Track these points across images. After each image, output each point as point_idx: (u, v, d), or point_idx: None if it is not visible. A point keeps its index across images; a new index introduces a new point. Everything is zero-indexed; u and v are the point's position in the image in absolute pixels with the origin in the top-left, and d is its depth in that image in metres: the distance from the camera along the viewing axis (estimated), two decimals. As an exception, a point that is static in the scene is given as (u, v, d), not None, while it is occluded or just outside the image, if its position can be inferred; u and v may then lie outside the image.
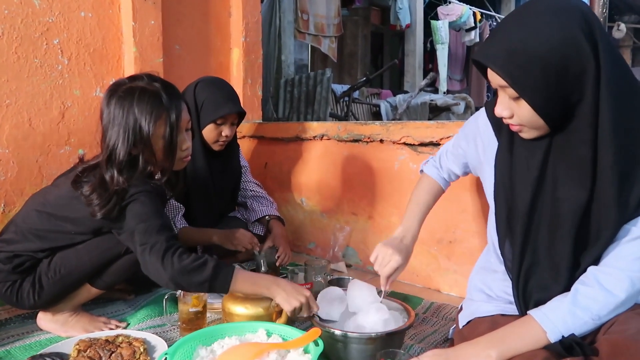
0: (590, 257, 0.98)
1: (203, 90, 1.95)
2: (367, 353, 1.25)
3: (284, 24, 4.54)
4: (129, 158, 1.34)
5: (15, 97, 2.01)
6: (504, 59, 0.93)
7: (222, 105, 1.91)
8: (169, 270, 1.26)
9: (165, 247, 1.27)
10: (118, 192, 1.31)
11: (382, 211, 2.15)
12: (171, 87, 1.41)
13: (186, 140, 1.45)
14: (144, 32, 2.34)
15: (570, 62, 0.90)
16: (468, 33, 7.00)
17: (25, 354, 1.33)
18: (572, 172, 0.98)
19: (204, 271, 1.27)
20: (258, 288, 1.35)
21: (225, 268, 1.31)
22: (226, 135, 1.96)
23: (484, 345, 0.98)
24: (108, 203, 1.30)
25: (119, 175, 1.32)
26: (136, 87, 1.36)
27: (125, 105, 1.33)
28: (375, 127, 2.11)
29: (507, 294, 1.15)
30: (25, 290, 1.39)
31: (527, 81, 0.92)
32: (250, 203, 2.25)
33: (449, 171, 1.41)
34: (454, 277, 1.91)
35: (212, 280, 1.27)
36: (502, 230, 1.13)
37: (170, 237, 1.31)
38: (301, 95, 4.12)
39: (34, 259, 1.40)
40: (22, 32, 2.02)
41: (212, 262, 1.29)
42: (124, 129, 1.33)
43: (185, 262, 1.26)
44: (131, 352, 1.28)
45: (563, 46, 0.89)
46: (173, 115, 1.37)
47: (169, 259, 1.26)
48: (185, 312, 1.45)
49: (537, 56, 0.90)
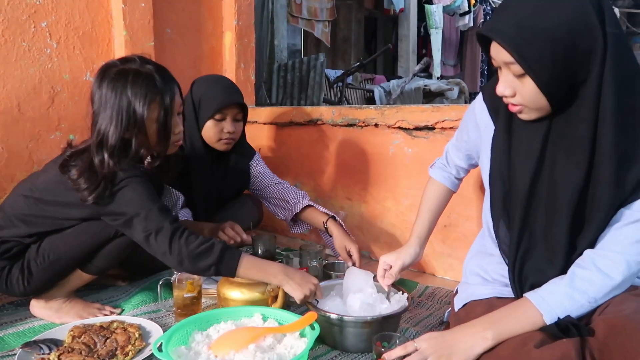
0: (585, 239, 0.98)
1: (199, 88, 1.85)
2: (363, 337, 1.26)
3: (276, 8, 4.48)
4: (121, 142, 1.32)
5: (3, 82, 1.97)
6: (512, 33, 0.91)
7: (219, 98, 1.80)
8: (176, 254, 1.26)
9: (171, 231, 1.27)
10: (107, 177, 1.29)
11: (376, 196, 2.14)
12: (164, 70, 1.39)
13: (178, 123, 1.43)
14: (134, 14, 2.30)
15: (580, 38, 0.89)
16: (462, 17, 6.94)
17: (19, 341, 1.32)
18: (571, 154, 0.97)
19: (210, 255, 1.27)
20: (266, 275, 1.34)
21: (231, 252, 1.30)
22: (228, 132, 1.82)
23: (480, 327, 0.98)
24: (97, 187, 1.28)
25: (109, 159, 1.29)
26: (129, 69, 1.33)
27: (118, 88, 1.30)
28: (370, 111, 2.09)
29: (503, 276, 1.15)
30: (15, 277, 1.38)
31: (534, 57, 0.91)
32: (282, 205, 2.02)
33: (457, 167, 1.40)
34: (448, 261, 1.92)
35: (218, 264, 1.27)
36: (496, 213, 1.13)
37: (173, 220, 1.30)
38: (294, 81, 4.08)
39: (21, 244, 1.39)
40: (8, 14, 1.97)
41: (219, 245, 1.29)
42: (117, 112, 1.30)
43: (192, 246, 1.26)
44: (126, 337, 1.27)
45: (574, 21, 0.88)
46: (167, 99, 1.34)
47: (177, 242, 1.26)
48: (180, 297, 1.44)
49: (547, 31, 0.89)
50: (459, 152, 1.36)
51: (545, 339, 0.90)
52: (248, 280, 1.39)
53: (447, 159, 1.42)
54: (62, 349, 1.21)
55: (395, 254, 1.38)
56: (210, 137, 1.84)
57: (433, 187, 1.44)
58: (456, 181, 1.44)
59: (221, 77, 1.97)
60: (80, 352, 1.20)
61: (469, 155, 1.34)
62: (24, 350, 1.22)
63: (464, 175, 1.44)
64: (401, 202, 2.06)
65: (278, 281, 1.33)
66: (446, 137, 1.85)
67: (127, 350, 1.23)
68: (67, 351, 1.20)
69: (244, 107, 1.88)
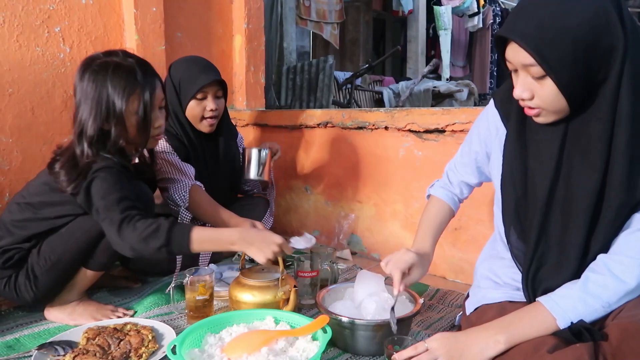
0: (597, 241, 0.97)
1: (177, 70, 1.88)
2: (374, 340, 1.26)
3: (285, 11, 4.50)
4: (100, 133, 1.34)
5: (18, 86, 2.00)
6: (533, 34, 0.90)
7: (198, 78, 1.83)
8: (126, 241, 1.26)
9: (120, 219, 1.26)
10: (84, 167, 1.32)
11: (386, 198, 2.14)
12: (146, 64, 1.41)
13: (159, 118, 1.45)
14: (145, 19, 2.32)
15: (601, 36, 0.88)
16: (471, 19, 6.91)
17: (35, 343, 1.34)
18: (587, 156, 0.96)
19: (157, 237, 1.25)
20: (223, 244, 1.33)
21: (180, 230, 1.27)
22: (211, 109, 1.85)
23: (493, 330, 0.98)
24: (77, 178, 1.31)
25: (89, 149, 1.33)
26: (111, 62, 1.35)
27: (98, 80, 1.33)
28: (380, 114, 2.09)
29: (514, 280, 1.14)
30: (22, 284, 1.40)
31: (556, 58, 0.89)
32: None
33: (461, 184, 1.34)
34: (459, 264, 1.91)
35: (168, 245, 1.25)
36: (508, 219, 1.12)
37: (126, 207, 1.28)
38: (303, 83, 4.09)
39: (21, 250, 1.41)
40: (23, 19, 2.00)
41: (165, 226, 1.26)
42: (96, 103, 1.33)
43: (139, 231, 1.25)
44: (139, 339, 1.29)
45: (595, 19, 0.87)
46: (147, 93, 1.37)
47: (124, 229, 1.26)
48: (192, 300, 1.45)
49: (569, 30, 0.88)
50: (468, 167, 1.30)
51: (559, 344, 0.89)
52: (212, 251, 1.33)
53: (449, 179, 1.36)
54: (77, 351, 1.23)
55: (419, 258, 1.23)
56: (194, 117, 1.87)
57: (437, 205, 1.35)
58: (457, 202, 1.37)
59: (197, 57, 1.97)
60: (94, 353, 1.22)
61: (480, 168, 1.28)
62: (40, 352, 1.24)
63: (467, 195, 1.37)
64: (411, 205, 2.06)
65: (237, 248, 1.31)
66: (456, 139, 1.85)
67: (140, 352, 1.24)
68: (81, 353, 1.22)
69: (223, 84, 1.91)
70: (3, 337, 1.38)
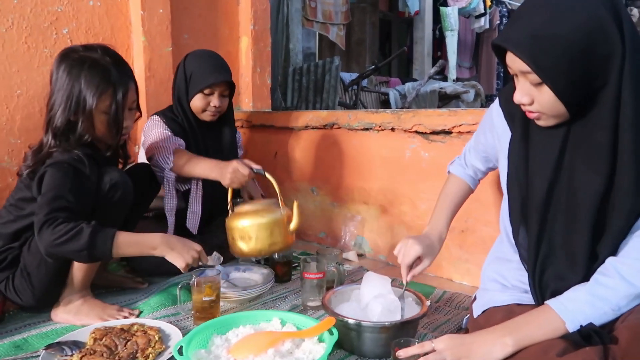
0: (606, 247, 0.97)
1: (191, 62, 1.95)
2: (381, 342, 1.26)
3: (291, 12, 4.50)
4: (66, 125, 1.37)
5: (26, 88, 2.02)
6: (527, 42, 0.91)
7: (209, 75, 1.90)
8: (43, 242, 1.27)
9: (43, 220, 1.26)
10: (44, 156, 1.36)
11: (393, 200, 2.14)
12: (123, 64, 1.43)
13: (128, 118, 1.47)
14: (152, 20, 2.33)
15: (596, 43, 0.88)
16: (478, 19, 6.89)
17: (42, 343, 1.35)
18: (590, 161, 0.96)
19: (79, 240, 1.25)
20: (145, 249, 1.35)
21: (103, 234, 1.28)
22: (215, 106, 1.94)
23: (501, 333, 0.97)
24: (33, 164, 1.36)
25: (52, 139, 1.36)
26: (88, 57, 1.38)
27: (73, 74, 1.36)
28: (386, 115, 2.09)
29: (522, 283, 1.14)
30: (19, 283, 1.42)
31: (551, 65, 0.90)
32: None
33: (474, 168, 1.40)
34: (466, 266, 1.90)
35: (90, 249, 1.26)
36: (515, 219, 1.12)
37: (55, 209, 1.28)
38: (310, 84, 4.10)
39: (12, 249, 1.43)
40: (31, 21, 2.02)
41: (87, 230, 1.26)
42: (67, 97, 1.36)
43: (58, 234, 1.25)
44: (146, 340, 1.29)
45: (589, 27, 0.87)
46: (120, 93, 1.39)
47: (44, 231, 1.26)
48: (198, 301, 1.45)
49: (562, 38, 0.88)
50: (477, 153, 1.36)
51: (568, 347, 0.89)
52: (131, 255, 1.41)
53: (465, 160, 1.42)
54: (84, 351, 1.23)
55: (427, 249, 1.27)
56: (196, 108, 1.95)
57: (453, 181, 1.41)
58: (476, 180, 1.43)
59: (213, 53, 2.02)
60: (101, 354, 1.22)
61: (487, 158, 1.33)
62: (47, 352, 1.24)
63: (481, 177, 1.43)
64: (418, 207, 2.05)
65: (158, 252, 1.35)
66: (463, 141, 1.84)
67: (147, 353, 1.25)
68: (89, 353, 1.22)
69: (231, 85, 1.98)
70: (11, 337, 1.38)
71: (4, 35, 1.95)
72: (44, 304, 1.49)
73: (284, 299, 1.70)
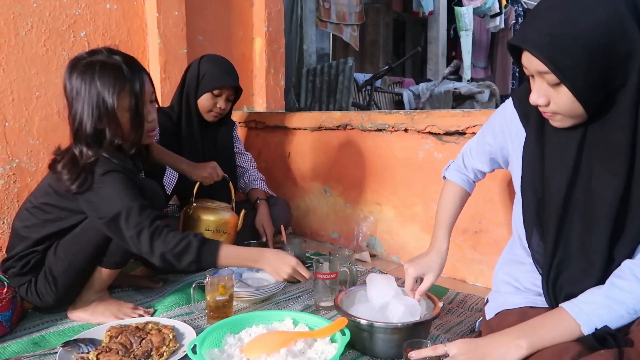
0: (624, 250, 0.95)
1: (206, 63, 2.06)
2: (393, 343, 1.25)
3: (305, 13, 4.51)
4: (95, 132, 1.36)
5: (45, 90, 2.05)
6: (545, 42, 0.89)
7: (221, 78, 2.03)
8: (157, 254, 1.32)
9: (151, 232, 1.31)
10: (86, 166, 1.35)
11: (406, 201, 2.13)
12: (132, 59, 1.42)
13: (151, 111, 1.46)
14: (167, 23, 2.36)
15: (616, 42, 0.86)
16: (493, 19, 6.83)
17: (60, 340, 1.37)
18: (608, 162, 0.94)
19: (188, 253, 1.32)
20: (245, 261, 1.42)
21: (209, 246, 1.35)
22: (220, 107, 2.05)
23: (515, 335, 0.96)
24: (79, 177, 1.34)
25: (87, 150, 1.35)
26: (96, 61, 1.36)
27: (86, 80, 1.34)
28: (400, 116, 2.09)
29: (535, 285, 1.12)
30: (42, 286, 1.44)
31: (570, 65, 0.88)
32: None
33: (475, 170, 1.37)
34: (479, 268, 1.89)
35: (198, 261, 1.33)
36: (529, 222, 1.11)
37: (154, 219, 1.34)
38: (323, 85, 4.10)
39: (36, 254, 1.44)
40: (50, 25, 2.06)
41: (195, 243, 1.33)
42: (87, 104, 1.34)
43: (170, 246, 1.31)
44: (161, 339, 1.31)
45: (609, 25, 0.85)
46: (136, 87, 1.38)
47: (157, 242, 1.31)
48: (212, 300, 1.47)
49: (581, 37, 0.86)
50: (482, 155, 1.32)
51: (583, 351, 0.87)
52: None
53: (464, 163, 1.39)
54: (100, 349, 1.25)
55: (426, 266, 1.31)
56: (203, 106, 2.06)
57: (453, 189, 1.39)
58: (473, 184, 1.41)
59: (226, 60, 2.13)
60: (117, 352, 1.24)
61: (493, 159, 1.30)
62: (65, 349, 1.27)
63: (481, 178, 1.41)
64: (430, 208, 2.04)
65: (257, 265, 1.41)
66: (477, 142, 1.83)
67: (161, 351, 1.26)
68: (105, 351, 1.24)
69: (237, 91, 2.12)
70: (30, 334, 1.41)
71: (24, 38, 1.99)
72: (62, 304, 1.52)
73: (297, 299, 1.71)
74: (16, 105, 2.00)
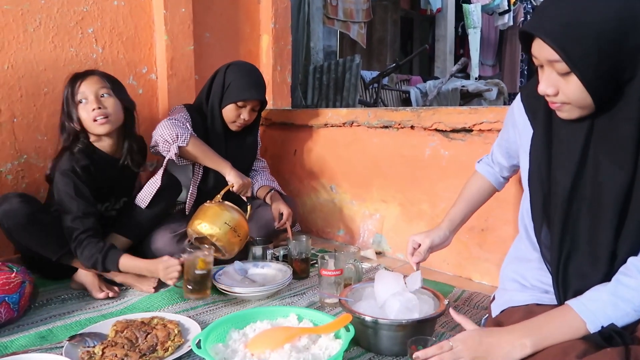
0: (627, 243, 0.94)
1: (233, 72, 2.04)
2: (398, 340, 1.25)
3: (312, 10, 4.50)
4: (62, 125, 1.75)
5: (53, 86, 2.07)
6: (557, 29, 0.89)
7: (245, 90, 2.00)
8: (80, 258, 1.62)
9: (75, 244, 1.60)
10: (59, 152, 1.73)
11: (412, 198, 2.13)
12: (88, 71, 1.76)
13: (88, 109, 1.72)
14: (174, 19, 2.37)
15: (628, 33, 0.86)
16: (501, 16, 6.78)
17: (66, 333, 1.39)
18: (615, 155, 0.94)
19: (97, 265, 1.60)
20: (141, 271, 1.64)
21: (111, 257, 1.60)
22: (244, 119, 2.04)
23: (519, 334, 0.96)
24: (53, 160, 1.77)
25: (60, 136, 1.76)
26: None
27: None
28: (406, 113, 2.08)
29: (542, 283, 1.12)
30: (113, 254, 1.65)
31: (580, 54, 0.88)
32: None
33: (500, 165, 1.39)
34: (485, 266, 1.88)
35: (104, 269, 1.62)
36: (537, 216, 1.10)
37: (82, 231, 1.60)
38: (330, 82, 4.10)
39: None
40: (58, 21, 2.07)
41: (100, 259, 1.59)
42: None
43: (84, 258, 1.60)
44: (166, 333, 1.31)
45: (622, 16, 0.85)
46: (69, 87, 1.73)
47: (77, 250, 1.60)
48: (190, 273, 1.51)
49: (594, 27, 0.86)
50: (501, 150, 1.35)
51: (588, 349, 0.87)
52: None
53: (492, 157, 1.41)
54: (106, 343, 1.26)
55: (425, 233, 1.39)
56: (227, 116, 2.05)
57: (475, 179, 1.43)
58: (501, 179, 1.42)
59: (254, 69, 2.11)
60: (122, 346, 1.25)
61: (510, 155, 1.32)
62: (71, 342, 1.28)
63: (508, 175, 1.42)
64: (437, 205, 2.03)
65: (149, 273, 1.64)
66: (484, 139, 1.82)
67: (166, 345, 1.27)
68: (110, 345, 1.25)
69: (263, 100, 2.10)
70: (37, 328, 1.43)
71: (32, 35, 2.00)
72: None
73: (302, 295, 1.71)
74: (24, 102, 2.01)
